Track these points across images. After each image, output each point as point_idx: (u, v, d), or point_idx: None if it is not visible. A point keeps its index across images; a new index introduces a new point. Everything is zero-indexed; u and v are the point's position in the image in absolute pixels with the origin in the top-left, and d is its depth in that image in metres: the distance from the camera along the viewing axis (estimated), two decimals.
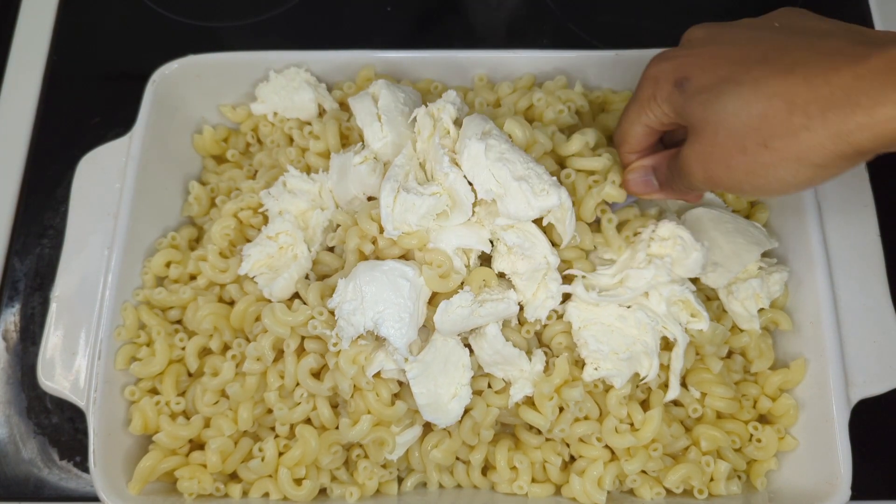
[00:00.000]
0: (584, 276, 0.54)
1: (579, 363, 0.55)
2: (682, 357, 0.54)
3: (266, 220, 0.60)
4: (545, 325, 0.56)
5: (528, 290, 0.53)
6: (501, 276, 0.55)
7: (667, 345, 0.56)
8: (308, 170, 0.62)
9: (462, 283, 0.53)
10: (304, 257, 0.57)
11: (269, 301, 0.56)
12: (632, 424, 0.55)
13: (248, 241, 0.60)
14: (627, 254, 0.54)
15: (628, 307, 0.54)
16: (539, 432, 0.56)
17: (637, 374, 0.54)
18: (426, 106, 0.56)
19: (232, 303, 0.59)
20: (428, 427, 0.56)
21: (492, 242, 0.54)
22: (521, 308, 0.55)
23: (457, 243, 0.53)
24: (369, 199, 0.57)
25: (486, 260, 0.55)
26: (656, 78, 0.45)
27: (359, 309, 0.51)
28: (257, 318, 0.56)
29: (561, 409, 0.54)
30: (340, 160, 0.58)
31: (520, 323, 0.56)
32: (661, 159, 0.50)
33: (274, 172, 0.63)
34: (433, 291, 0.53)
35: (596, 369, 0.54)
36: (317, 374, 0.56)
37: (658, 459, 0.54)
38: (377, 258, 0.55)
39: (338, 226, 0.58)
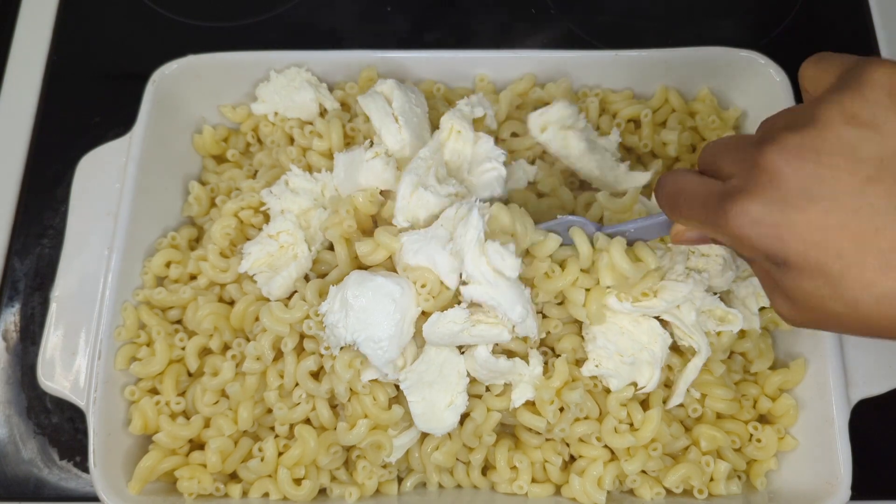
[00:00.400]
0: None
1: (580, 362, 0.55)
2: (700, 368, 0.54)
3: (267, 219, 0.60)
4: (547, 332, 0.56)
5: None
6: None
7: (679, 353, 0.56)
8: (309, 169, 0.62)
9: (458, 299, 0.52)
10: (305, 257, 0.57)
11: (269, 300, 0.56)
12: (631, 424, 0.55)
13: (249, 240, 0.60)
14: (665, 263, 0.54)
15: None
16: (539, 432, 0.56)
17: (635, 384, 0.54)
18: (457, 107, 0.57)
19: (232, 303, 0.59)
20: None
21: None
22: None
23: (444, 266, 0.51)
24: (381, 192, 0.57)
25: None
26: (742, 238, 0.35)
27: (342, 322, 0.51)
28: (257, 318, 0.56)
29: (561, 409, 0.54)
30: (348, 157, 0.58)
31: None
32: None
33: (274, 172, 0.63)
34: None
35: (597, 366, 0.54)
36: (316, 375, 0.56)
37: (658, 459, 0.54)
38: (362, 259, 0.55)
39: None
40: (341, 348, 0.52)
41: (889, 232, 0.32)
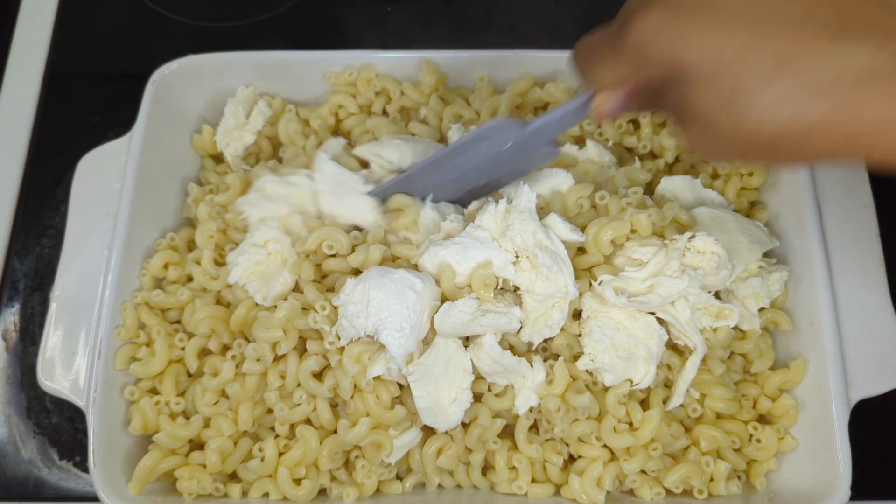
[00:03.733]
0: (614, 279, 0.54)
1: (575, 358, 0.55)
2: (698, 367, 0.55)
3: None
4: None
5: (533, 312, 0.53)
6: (515, 289, 0.55)
7: (678, 353, 0.56)
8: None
9: (470, 287, 0.53)
10: (294, 262, 0.57)
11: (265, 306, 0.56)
12: (630, 424, 0.55)
13: (235, 242, 0.60)
14: (660, 259, 0.54)
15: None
16: (538, 432, 0.56)
17: (630, 380, 0.54)
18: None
19: (229, 304, 0.59)
20: (427, 430, 0.56)
21: (516, 256, 0.54)
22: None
23: (479, 261, 0.53)
24: (355, 227, 0.58)
25: None
26: (644, 49, 0.36)
27: (363, 313, 0.51)
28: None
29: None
30: (339, 173, 0.58)
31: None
32: (638, 90, 0.42)
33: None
34: (444, 295, 0.54)
35: (592, 360, 0.54)
36: (318, 375, 0.55)
37: (657, 459, 0.54)
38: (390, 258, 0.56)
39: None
40: (350, 341, 0.53)
41: (775, 39, 0.32)
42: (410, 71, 0.67)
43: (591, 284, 0.55)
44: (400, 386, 0.54)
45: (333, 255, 0.56)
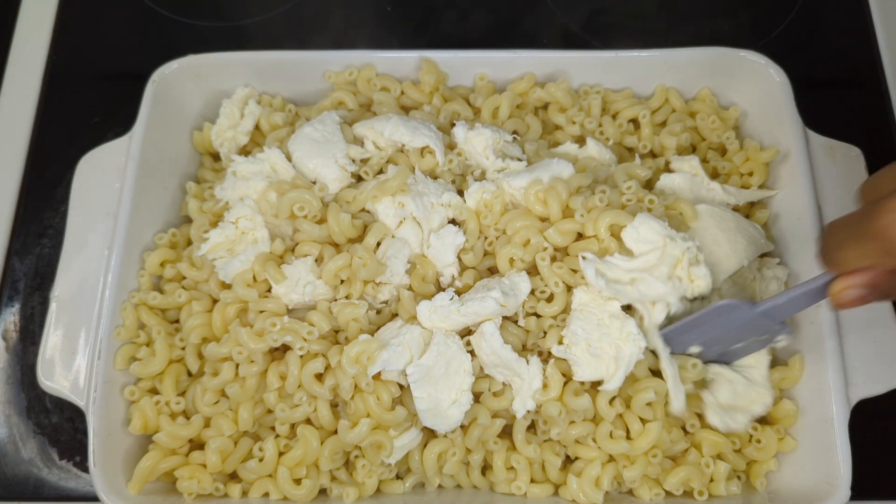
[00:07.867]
0: (598, 261, 0.54)
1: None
2: (672, 365, 0.54)
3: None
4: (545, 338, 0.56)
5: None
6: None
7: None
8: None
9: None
10: (264, 241, 0.57)
11: (229, 286, 0.57)
12: (627, 431, 0.55)
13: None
14: (652, 259, 0.54)
15: (627, 306, 0.54)
16: (537, 433, 0.56)
17: (600, 381, 0.54)
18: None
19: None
20: (428, 430, 0.56)
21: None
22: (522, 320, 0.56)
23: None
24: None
25: None
26: (893, 238, 0.36)
27: None
28: (238, 316, 0.57)
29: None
30: (331, 135, 0.60)
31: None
32: (882, 276, 0.41)
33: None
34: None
35: (566, 350, 0.54)
36: (317, 376, 0.55)
37: (657, 465, 0.54)
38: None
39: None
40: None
41: None
42: (410, 70, 0.67)
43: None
44: (400, 386, 0.54)
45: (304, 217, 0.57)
